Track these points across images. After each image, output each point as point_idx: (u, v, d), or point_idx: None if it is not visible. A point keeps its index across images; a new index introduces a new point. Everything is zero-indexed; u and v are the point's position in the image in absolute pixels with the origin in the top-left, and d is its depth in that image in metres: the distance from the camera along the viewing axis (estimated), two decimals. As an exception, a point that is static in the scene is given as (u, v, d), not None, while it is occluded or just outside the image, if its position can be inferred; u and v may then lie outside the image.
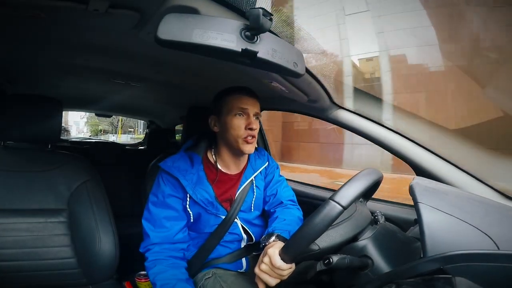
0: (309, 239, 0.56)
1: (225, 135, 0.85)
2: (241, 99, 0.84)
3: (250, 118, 0.83)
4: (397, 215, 0.96)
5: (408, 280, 0.49)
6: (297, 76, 0.59)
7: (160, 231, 0.81)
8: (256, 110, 0.85)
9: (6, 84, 1.36)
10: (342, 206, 0.54)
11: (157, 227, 0.81)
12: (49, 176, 0.92)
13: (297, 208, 0.95)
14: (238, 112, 0.83)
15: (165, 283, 0.74)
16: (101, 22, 0.62)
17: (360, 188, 0.58)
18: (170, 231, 0.81)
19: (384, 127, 0.96)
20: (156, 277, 0.75)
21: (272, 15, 0.48)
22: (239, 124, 0.82)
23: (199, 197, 0.82)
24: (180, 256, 0.82)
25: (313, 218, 0.55)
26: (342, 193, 0.56)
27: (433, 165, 0.87)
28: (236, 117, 0.83)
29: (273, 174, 0.97)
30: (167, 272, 0.76)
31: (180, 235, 0.83)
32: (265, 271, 0.64)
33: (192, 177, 0.83)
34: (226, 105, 0.84)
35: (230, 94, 0.85)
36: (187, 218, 0.85)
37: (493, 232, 0.52)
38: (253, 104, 0.84)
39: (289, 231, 0.76)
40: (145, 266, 0.79)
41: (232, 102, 0.83)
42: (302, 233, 0.57)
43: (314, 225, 0.55)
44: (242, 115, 0.83)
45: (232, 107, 0.83)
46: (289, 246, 0.61)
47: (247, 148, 0.83)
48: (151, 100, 1.86)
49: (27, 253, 0.84)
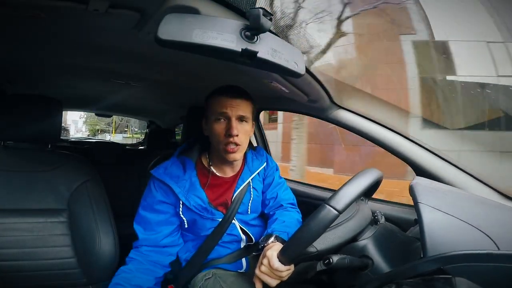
0: (305, 242, 0.57)
1: (212, 141, 0.82)
2: (220, 102, 0.77)
3: (231, 122, 0.76)
4: (397, 215, 0.96)
5: (408, 280, 0.49)
6: (297, 76, 0.59)
7: (149, 234, 0.80)
8: (239, 112, 0.77)
9: (6, 84, 1.36)
10: (337, 211, 0.54)
11: (147, 230, 0.81)
12: (49, 176, 0.92)
13: (297, 211, 0.94)
14: (217, 116, 0.77)
15: (117, 282, 0.72)
16: (101, 22, 0.62)
17: (357, 191, 0.57)
18: (158, 234, 0.81)
19: (384, 127, 0.96)
20: (118, 275, 0.74)
21: (272, 15, 0.48)
22: (218, 130, 0.77)
23: (192, 203, 0.80)
24: (163, 263, 0.81)
25: (308, 222, 0.56)
26: (338, 197, 0.56)
27: (433, 165, 0.87)
28: (216, 122, 0.78)
29: (273, 177, 0.94)
30: (130, 274, 0.75)
31: (168, 239, 0.82)
32: (265, 273, 0.65)
33: (184, 184, 0.81)
34: (208, 108, 0.80)
35: (212, 96, 0.80)
36: (178, 223, 0.84)
37: (493, 232, 0.52)
38: (234, 106, 0.76)
39: (287, 233, 0.76)
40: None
41: (213, 106, 0.78)
42: (299, 237, 0.57)
43: (309, 229, 0.55)
44: (222, 120, 0.77)
45: (212, 111, 0.78)
46: (287, 248, 0.61)
47: (229, 157, 0.78)
48: (151, 100, 1.86)
49: (27, 253, 0.84)
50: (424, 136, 4.57)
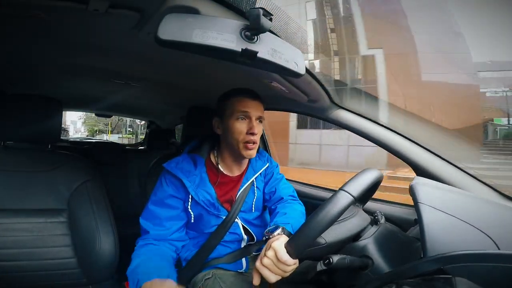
0: (318, 229, 0.55)
1: (227, 138, 0.84)
2: (243, 102, 0.82)
3: (252, 122, 0.82)
4: (397, 215, 0.97)
5: (408, 280, 0.49)
6: (297, 76, 0.59)
7: (159, 229, 0.81)
8: (259, 113, 0.83)
9: (6, 84, 1.36)
10: (353, 196, 0.55)
11: (156, 225, 0.82)
12: (49, 176, 0.92)
13: (299, 202, 0.94)
14: (240, 115, 0.81)
15: (141, 256, 0.76)
16: (101, 22, 0.62)
17: (368, 181, 0.59)
18: (168, 230, 0.82)
19: (384, 127, 0.96)
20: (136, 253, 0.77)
21: (272, 15, 0.48)
22: (240, 128, 0.81)
23: (201, 198, 0.83)
24: (172, 249, 0.83)
25: (323, 207, 0.55)
26: (352, 185, 0.57)
27: (433, 165, 0.87)
28: (238, 120, 0.82)
29: (272, 173, 0.97)
30: (149, 252, 0.77)
31: (177, 234, 0.84)
32: (267, 266, 0.60)
33: (195, 179, 0.83)
34: (228, 107, 0.84)
35: (233, 96, 0.84)
36: (186, 219, 0.86)
37: (493, 232, 0.52)
38: (255, 107, 0.83)
39: (291, 224, 0.74)
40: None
41: (234, 105, 0.82)
42: (312, 223, 0.55)
43: (325, 214, 0.54)
44: (244, 119, 0.82)
45: (234, 110, 0.82)
46: (297, 237, 0.58)
47: (247, 153, 0.82)
48: (151, 100, 1.86)
49: (27, 253, 0.84)
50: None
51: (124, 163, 2.00)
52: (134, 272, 0.72)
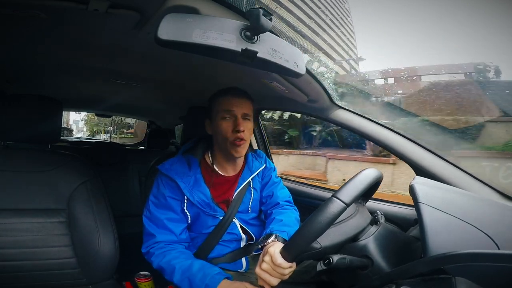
0: (311, 236, 0.55)
1: (217, 139, 0.85)
2: (226, 101, 0.82)
3: (237, 119, 0.81)
4: (397, 215, 0.96)
5: (408, 280, 0.49)
6: (297, 76, 0.59)
7: (165, 233, 0.82)
8: (244, 110, 0.82)
9: (6, 84, 1.36)
10: (345, 203, 0.54)
11: (160, 228, 0.82)
12: (49, 176, 0.92)
13: (294, 209, 0.95)
14: (225, 114, 0.82)
15: (183, 263, 0.76)
16: (101, 22, 0.62)
17: (363, 186, 0.58)
18: (175, 233, 0.83)
19: (384, 127, 0.96)
20: (171, 262, 0.77)
21: (272, 15, 0.48)
22: (226, 127, 0.81)
23: (196, 198, 0.83)
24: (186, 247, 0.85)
25: (316, 215, 0.55)
26: (345, 191, 0.56)
27: (433, 165, 0.87)
28: (224, 120, 0.82)
29: (270, 176, 0.97)
30: (180, 257, 0.78)
31: (183, 235, 0.84)
32: (266, 270, 0.64)
33: (189, 180, 0.83)
34: (214, 107, 0.84)
35: (219, 96, 0.84)
36: (186, 220, 0.86)
37: (493, 232, 0.52)
38: (240, 105, 0.82)
39: (287, 232, 0.76)
40: (151, 261, 0.80)
41: (220, 105, 0.83)
42: (305, 231, 0.56)
43: (316, 222, 0.54)
44: (229, 118, 0.82)
45: (219, 110, 0.82)
46: (291, 244, 0.60)
47: (236, 151, 0.82)
48: (151, 100, 1.86)
49: (27, 253, 0.84)
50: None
51: (124, 163, 2.00)
52: (192, 278, 0.73)
